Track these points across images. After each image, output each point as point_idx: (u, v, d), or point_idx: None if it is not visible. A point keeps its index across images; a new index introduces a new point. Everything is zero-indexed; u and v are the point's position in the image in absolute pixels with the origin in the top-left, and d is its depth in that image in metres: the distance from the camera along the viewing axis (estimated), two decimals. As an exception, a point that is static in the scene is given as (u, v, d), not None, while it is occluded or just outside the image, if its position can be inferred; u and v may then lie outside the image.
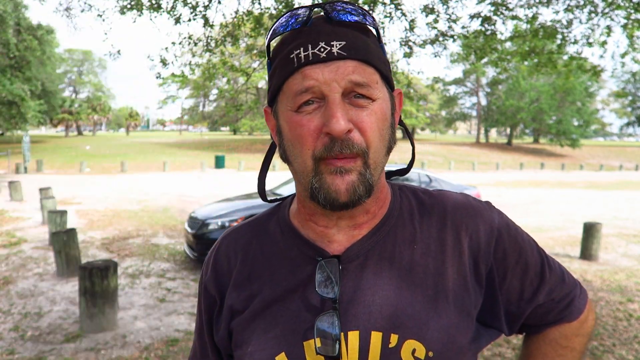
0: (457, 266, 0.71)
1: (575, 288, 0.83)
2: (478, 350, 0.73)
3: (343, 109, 0.62)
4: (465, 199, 0.78)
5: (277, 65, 0.68)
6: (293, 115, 0.65)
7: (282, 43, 0.68)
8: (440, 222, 0.74)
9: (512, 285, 0.74)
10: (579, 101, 47.08)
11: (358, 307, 0.67)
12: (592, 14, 6.01)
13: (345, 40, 0.63)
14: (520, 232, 0.77)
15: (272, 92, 0.69)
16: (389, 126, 0.68)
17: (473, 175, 27.18)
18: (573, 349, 0.82)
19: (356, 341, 0.66)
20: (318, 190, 0.65)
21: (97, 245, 7.23)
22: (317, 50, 0.63)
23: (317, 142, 0.63)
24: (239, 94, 10.62)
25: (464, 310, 0.69)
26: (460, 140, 62.53)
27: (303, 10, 0.66)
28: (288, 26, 0.66)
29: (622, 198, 16.33)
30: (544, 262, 0.78)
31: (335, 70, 0.62)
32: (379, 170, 0.67)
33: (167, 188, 15.45)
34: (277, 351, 0.68)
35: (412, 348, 0.65)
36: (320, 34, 0.64)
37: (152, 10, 5.61)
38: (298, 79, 0.63)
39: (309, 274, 0.70)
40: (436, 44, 6.27)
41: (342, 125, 0.61)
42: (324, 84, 0.62)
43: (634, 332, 4.12)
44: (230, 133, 67.78)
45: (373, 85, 0.64)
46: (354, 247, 0.71)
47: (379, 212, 0.73)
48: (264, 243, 0.77)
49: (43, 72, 31.50)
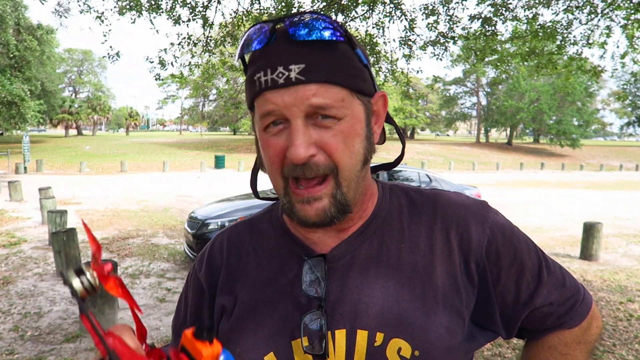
0: (447, 265, 0.70)
1: (578, 293, 0.79)
2: (471, 350, 0.72)
3: (305, 133, 0.61)
4: (458, 197, 0.77)
5: (246, 81, 0.68)
6: (263, 134, 0.66)
7: (250, 60, 0.67)
8: (430, 221, 0.73)
9: (507, 287, 0.72)
10: (579, 101, 47.09)
11: (344, 306, 0.68)
12: (592, 14, 6.01)
13: (304, 63, 0.61)
14: (516, 233, 0.75)
15: (248, 104, 0.70)
16: (362, 140, 0.66)
17: (473, 175, 27.17)
18: (573, 357, 0.79)
19: (343, 340, 0.66)
20: (290, 211, 0.66)
21: (97, 245, 7.23)
22: (276, 76, 0.62)
23: (285, 162, 0.64)
24: (238, 93, 10.62)
25: (453, 310, 0.68)
26: (461, 140, 62.52)
27: (267, 27, 0.64)
28: (252, 45, 0.65)
29: (622, 198, 16.33)
30: (541, 265, 0.75)
31: (295, 95, 0.61)
32: (353, 186, 0.67)
33: (167, 188, 15.44)
34: (266, 351, 0.68)
35: (397, 347, 0.65)
36: (280, 57, 0.62)
37: (151, 11, 5.61)
38: (261, 102, 0.64)
39: (296, 272, 0.71)
40: (437, 45, 6.28)
41: (301, 153, 0.61)
42: (284, 109, 0.62)
43: (634, 332, 4.12)
44: (230, 133, 67.79)
45: (337, 104, 0.62)
46: (341, 247, 0.71)
47: (365, 214, 0.73)
48: (256, 241, 0.78)
49: (43, 72, 31.53)
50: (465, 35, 6.19)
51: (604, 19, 6.00)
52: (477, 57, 6.71)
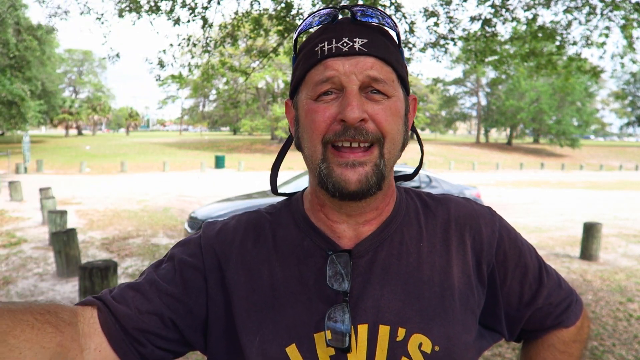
0: (462, 265, 0.73)
1: (572, 294, 0.85)
2: (483, 349, 0.75)
3: (359, 100, 0.65)
4: (468, 202, 0.80)
5: (301, 58, 0.71)
6: (311, 104, 0.68)
7: (309, 39, 0.72)
8: (445, 224, 0.76)
9: (512, 288, 0.77)
10: (579, 101, 47.07)
11: (367, 301, 0.69)
12: (591, 15, 6.01)
13: (367, 38, 0.67)
14: (519, 237, 0.80)
15: (294, 83, 0.73)
16: (403, 124, 0.71)
17: (473, 175, 27.16)
18: (571, 355, 0.84)
19: (365, 334, 0.68)
20: (326, 177, 0.67)
21: (97, 245, 7.23)
22: (340, 45, 0.66)
23: (329, 129, 0.66)
24: (238, 94, 10.62)
25: (468, 308, 0.71)
26: (461, 140, 62.52)
27: (329, 10, 0.70)
28: (315, 23, 0.71)
29: (622, 198, 16.33)
30: (541, 267, 0.80)
31: (356, 64, 0.66)
32: (392, 163, 0.69)
33: (167, 188, 15.44)
34: (288, 342, 0.68)
35: (418, 342, 0.67)
36: (344, 31, 0.68)
37: (151, 12, 5.61)
38: (320, 70, 0.67)
39: (319, 266, 0.71)
40: (437, 47, 6.28)
41: (357, 113, 0.63)
42: (343, 75, 0.65)
43: (634, 332, 4.13)
44: (230, 133, 67.79)
45: (389, 82, 0.67)
46: (364, 243, 0.72)
47: (386, 209, 0.75)
48: (276, 229, 0.77)
49: (43, 72, 31.54)
50: (465, 36, 6.20)
51: (603, 19, 6.00)
52: (477, 59, 6.72)
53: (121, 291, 0.71)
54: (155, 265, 0.76)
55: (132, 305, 0.69)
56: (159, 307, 0.70)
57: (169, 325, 0.70)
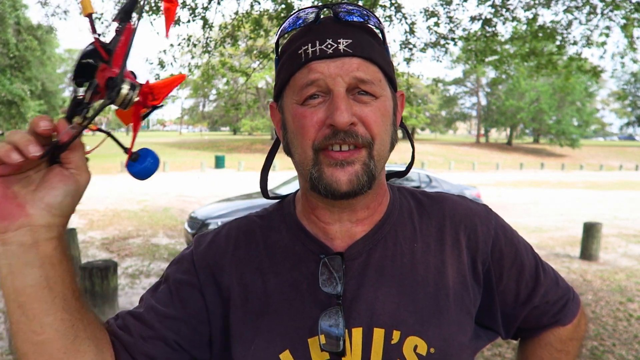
0: (457, 265, 0.72)
1: (569, 292, 0.84)
2: (478, 349, 0.74)
3: (347, 103, 0.63)
4: (463, 200, 0.79)
5: (285, 60, 0.70)
6: (298, 108, 0.66)
7: (291, 40, 0.70)
8: (439, 223, 0.75)
9: (509, 286, 0.76)
10: (579, 101, 47.05)
11: (361, 304, 0.68)
12: (591, 14, 6.02)
13: (351, 39, 0.66)
14: (516, 235, 0.79)
15: (278, 86, 0.71)
16: (392, 124, 0.70)
17: (473, 175, 27.15)
18: (568, 353, 0.84)
19: (359, 338, 0.67)
20: (318, 181, 0.66)
21: (97, 245, 7.23)
22: (324, 47, 0.65)
23: (318, 134, 0.65)
24: (238, 94, 10.62)
25: (463, 309, 0.70)
26: (461, 140, 62.53)
27: (312, 10, 0.68)
28: (297, 24, 0.69)
29: (622, 198, 16.33)
30: (538, 265, 0.79)
31: (341, 65, 0.64)
32: (382, 164, 0.68)
33: (167, 188, 15.44)
34: (281, 349, 0.68)
35: (414, 344, 0.66)
36: (328, 32, 0.66)
37: (152, 13, 5.61)
38: (304, 73, 0.65)
39: (312, 270, 0.70)
40: (437, 47, 6.28)
41: (346, 117, 0.62)
42: (329, 78, 0.64)
43: (634, 332, 4.13)
44: (230, 133, 67.74)
45: (376, 82, 0.66)
46: (357, 245, 0.71)
47: (379, 209, 0.74)
48: (268, 235, 0.77)
49: (43, 72, 31.53)
50: (465, 36, 6.20)
51: (604, 19, 6.01)
52: (477, 59, 6.71)
53: (123, 319, 0.72)
54: (153, 289, 0.77)
55: (135, 333, 0.70)
56: (161, 332, 0.70)
57: (175, 347, 0.71)
